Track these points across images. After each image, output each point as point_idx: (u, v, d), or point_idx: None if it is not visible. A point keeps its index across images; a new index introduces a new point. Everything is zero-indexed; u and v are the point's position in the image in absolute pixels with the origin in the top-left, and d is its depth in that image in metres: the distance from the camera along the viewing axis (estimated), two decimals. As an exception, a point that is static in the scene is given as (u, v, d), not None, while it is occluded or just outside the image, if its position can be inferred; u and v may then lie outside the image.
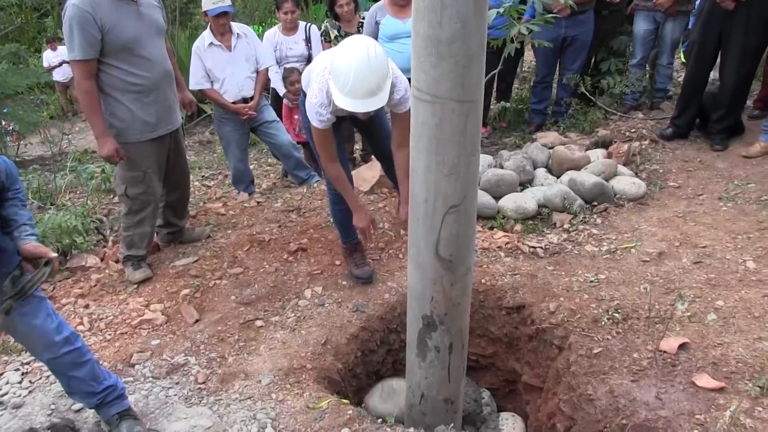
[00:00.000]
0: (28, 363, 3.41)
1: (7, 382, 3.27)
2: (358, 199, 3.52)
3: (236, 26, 5.14)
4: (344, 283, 3.75)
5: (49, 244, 4.44)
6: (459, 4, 1.93)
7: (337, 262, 3.95)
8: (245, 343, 3.34)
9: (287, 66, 5.70)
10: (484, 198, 4.35)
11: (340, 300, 3.61)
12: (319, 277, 3.83)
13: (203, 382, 3.09)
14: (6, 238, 2.50)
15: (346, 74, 2.86)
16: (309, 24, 5.94)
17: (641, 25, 6.03)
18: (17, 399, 3.16)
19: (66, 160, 7.05)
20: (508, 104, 6.51)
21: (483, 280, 3.67)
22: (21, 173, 7.18)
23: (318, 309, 3.55)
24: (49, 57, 11.72)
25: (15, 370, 3.35)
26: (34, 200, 6.30)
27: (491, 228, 4.26)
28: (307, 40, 5.84)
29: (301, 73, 5.46)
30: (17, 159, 8.73)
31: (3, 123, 8.65)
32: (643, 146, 5.27)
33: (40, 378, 3.27)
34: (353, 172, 5.17)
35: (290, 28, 5.84)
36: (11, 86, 7.78)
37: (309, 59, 5.76)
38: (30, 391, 3.18)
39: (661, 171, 4.90)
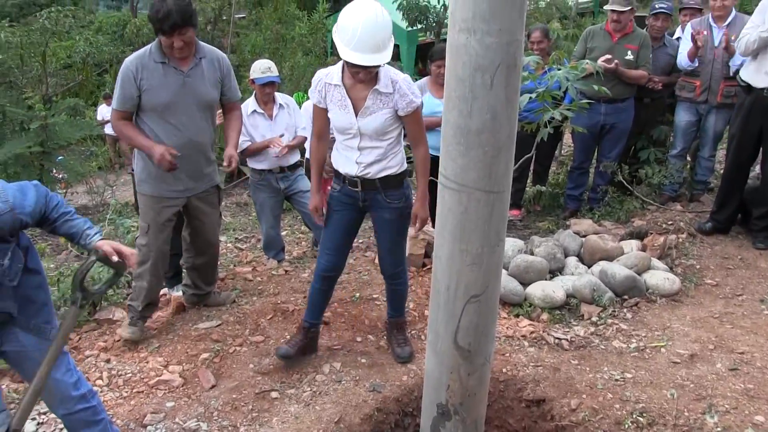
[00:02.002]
0: (45, 413, 3.41)
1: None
2: (318, 187, 3.58)
3: (279, 96, 5.27)
4: (363, 360, 3.69)
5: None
6: (490, 96, 1.95)
7: (359, 339, 3.91)
8: (258, 414, 3.29)
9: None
10: (511, 284, 4.30)
11: (357, 378, 3.54)
12: (339, 352, 3.78)
13: (212, 453, 3.05)
14: (40, 291, 2.59)
15: (353, 29, 2.97)
16: None
17: (683, 116, 5.99)
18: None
19: (107, 211, 7.21)
20: (543, 188, 6.50)
21: (504, 369, 3.58)
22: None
23: (335, 385, 3.49)
24: (103, 111, 12.18)
25: (32, 419, 3.34)
26: (72, 248, 6.43)
27: (517, 315, 4.18)
28: None
29: None
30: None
31: (54, 171, 8.97)
32: (680, 240, 5.17)
33: (55, 430, 3.26)
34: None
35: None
36: (66, 137, 8.11)
37: None
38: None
39: (698, 267, 4.79)
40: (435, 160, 4.78)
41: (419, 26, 12.05)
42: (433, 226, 5.16)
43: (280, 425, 3.20)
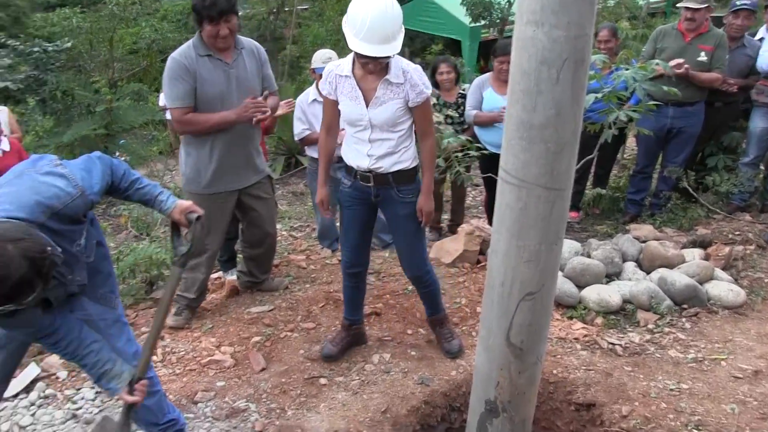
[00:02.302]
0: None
1: (83, 398, 3.43)
2: (324, 179, 3.53)
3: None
4: (413, 353, 3.69)
5: (139, 273, 4.63)
6: (555, 90, 1.91)
7: (409, 332, 3.91)
8: (306, 399, 3.33)
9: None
10: (566, 286, 4.22)
11: (406, 370, 3.54)
12: (389, 343, 3.79)
13: (260, 431, 3.09)
14: (105, 262, 2.66)
15: (362, 19, 2.91)
16: None
17: (758, 123, 5.70)
18: (89, 415, 3.31)
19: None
20: (603, 191, 6.35)
21: (555, 371, 3.52)
22: (124, 203, 7.60)
23: (383, 376, 3.50)
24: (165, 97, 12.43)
25: (91, 387, 3.50)
26: (132, 229, 6.61)
27: (570, 318, 4.11)
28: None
29: None
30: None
31: (117, 153, 9.23)
32: (748, 251, 4.98)
33: (112, 400, 3.38)
34: (437, 243, 5.16)
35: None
36: (129, 121, 8.33)
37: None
38: (100, 410, 3.33)
39: (766, 280, 4.62)
40: (493, 157, 4.78)
41: (482, 22, 11.93)
42: (489, 222, 5.13)
43: (327, 411, 3.22)
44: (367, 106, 3.19)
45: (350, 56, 3.19)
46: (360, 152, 3.30)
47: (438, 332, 3.75)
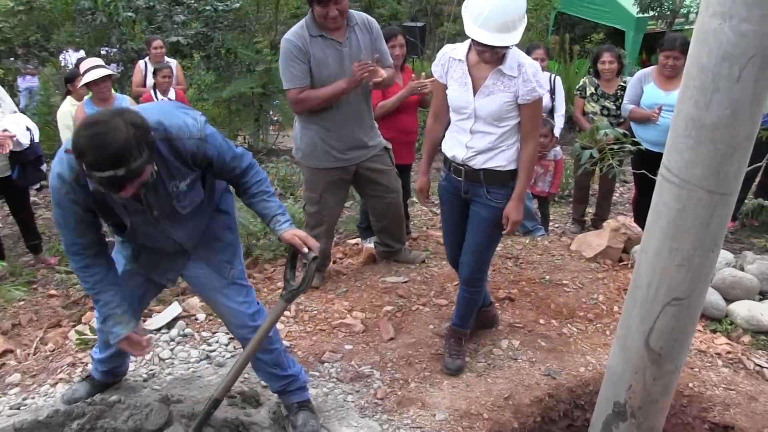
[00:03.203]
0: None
1: (217, 341, 3.65)
2: (427, 168, 3.45)
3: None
4: (543, 343, 3.64)
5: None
6: (734, 89, 1.80)
7: (541, 321, 3.85)
8: (430, 374, 3.37)
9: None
10: (713, 297, 3.98)
11: (534, 359, 3.50)
12: (520, 331, 3.76)
13: (381, 399, 3.17)
14: (227, 232, 2.84)
15: (482, 5, 2.77)
16: (554, 75, 5.82)
17: None
18: (221, 359, 3.50)
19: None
20: (766, 203, 5.91)
21: (691, 384, 3.35)
22: (273, 161, 7.94)
23: (509, 362, 3.48)
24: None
25: (225, 333, 3.70)
26: (278, 187, 6.91)
27: (713, 331, 3.88)
28: (552, 92, 5.68)
29: (552, 128, 5.41)
30: (273, 147, 9.67)
31: (270, 112, 9.64)
32: None
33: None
34: (580, 236, 5.03)
35: None
36: (285, 83, 8.66)
37: (551, 111, 5.66)
38: (232, 356, 3.50)
39: None
40: (649, 155, 4.57)
41: (651, 13, 11.33)
42: (636, 221, 4.93)
43: (449, 389, 3.26)
44: (474, 94, 3.05)
45: (467, 42, 3.05)
46: (459, 142, 3.17)
47: (449, 345, 3.50)
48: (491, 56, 2.93)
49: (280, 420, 2.99)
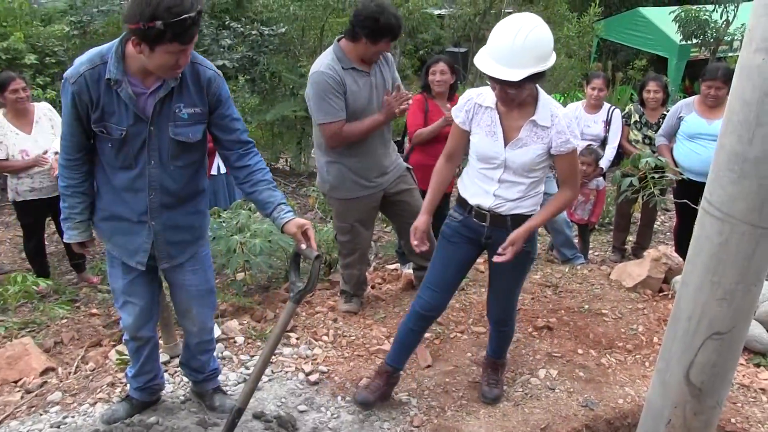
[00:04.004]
0: (275, 354, 3.77)
1: (246, 368, 3.66)
2: (431, 208, 3.15)
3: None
4: (581, 374, 3.61)
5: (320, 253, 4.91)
6: (779, 124, 1.80)
7: (580, 351, 3.82)
8: (467, 402, 3.36)
9: (588, 146, 5.59)
10: (756, 330, 3.90)
11: (572, 390, 3.47)
12: (558, 360, 3.73)
13: (417, 426, 3.18)
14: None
15: (496, 36, 2.67)
16: (613, 107, 5.82)
17: None
18: (260, 383, 3.51)
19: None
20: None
21: (733, 420, 3.28)
22: (314, 185, 8.02)
23: (547, 392, 3.46)
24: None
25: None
26: (318, 211, 6.97)
27: (757, 365, 3.80)
28: (607, 123, 5.72)
29: (598, 158, 5.39)
30: (314, 170, 9.76)
31: (312, 136, 9.76)
32: None
33: (282, 370, 3.61)
34: (620, 265, 4.98)
35: (594, 106, 5.76)
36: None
37: (604, 142, 5.66)
38: (270, 380, 3.52)
39: None
40: (692, 184, 4.53)
41: (694, 41, 11.24)
42: (677, 251, 4.86)
43: (486, 418, 3.24)
44: (505, 146, 2.90)
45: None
46: (485, 190, 3.00)
47: (487, 374, 3.46)
48: (503, 95, 2.77)
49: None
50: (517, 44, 2.60)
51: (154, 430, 2.97)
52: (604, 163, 5.54)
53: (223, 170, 6.44)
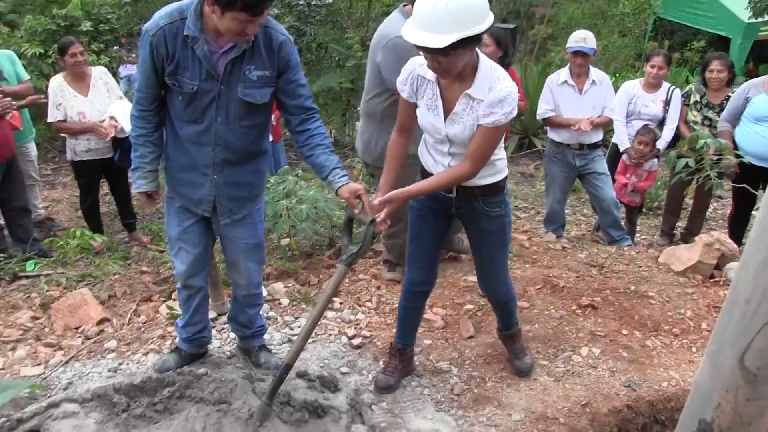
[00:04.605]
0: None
1: (299, 326, 3.75)
2: (387, 188, 2.80)
3: (595, 72, 5.15)
4: (624, 354, 3.57)
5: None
6: None
7: (624, 332, 3.78)
8: (507, 375, 3.37)
9: (645, 125, 5.49)
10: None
11: (614, 369, 3.44)
12: (601, 339, 3.69)
13: (458, 395, 3.20)
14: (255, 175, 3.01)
15: (419, 4, 2.47)
16: (672, 87, 5.65)
17: None
18: (303, 343, 3.58)
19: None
20: None
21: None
22: (358, 157, 8.06)
23: (589, 370, 3.43)
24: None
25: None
26: (363, 182, 6.97)
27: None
28: (666, 103, 5.56)
29: (655, 138, 5.28)
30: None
31: (358, 108, 9.76)
32: None
33: (325, 333, 3.68)
34: (669, 248, 4.90)
35: (653, 85, 5.59)
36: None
37: (662, 122, 5.52)
38: (313, 341, 3.59)
39: None
40: (754, 169, 4.41)
41: (766, 18, 10.70)
42: (731, 236, 4.76)
43: (527, 391, 3.24)
44: (445, 120, 2.74)
45: None
46: (439, 162, 2.88)
47: (510, 349, 3.42)
48: (433, 64, 2.57)
49: (357, 406, 3.06)
50: (439, 7, 2.39)
51: (203, 380, 3.05)
52: (661, 144, 5.42)
53: (270, 138, 6.51)
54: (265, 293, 4.00)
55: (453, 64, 2.54)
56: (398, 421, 2.98)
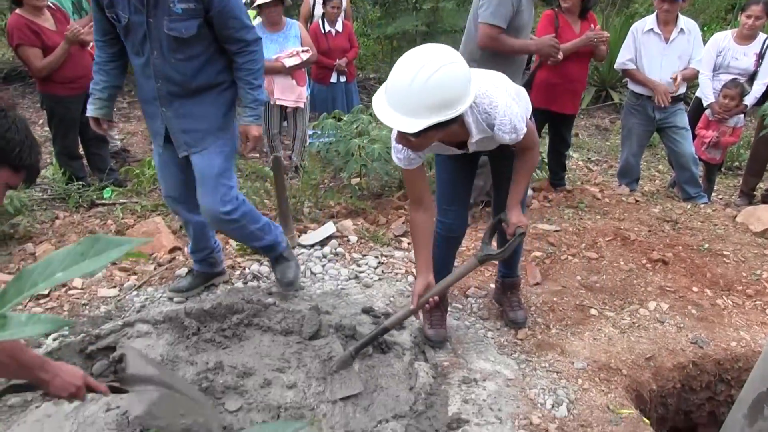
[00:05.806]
0: (386, 256, 3.90)
1: (367, 264, 3.83)
2: (428, 266, 2.79)
3: (683, 20, 4.93)
4: (693, 311, 3.51)
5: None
6: None
7: (695, 289, 3.70)
8: (572, 323, 3.37)
9: (733, 79, 5.21)
10: None
11: (682, 325, 3.39)
12: (670, 295, 3.64)
13: (521, 339, 3.22)
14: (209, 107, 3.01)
15: (391, 78, 2.30)
16: None
17: None
18: (369, 280, 3.67)
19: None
20: None
21: None
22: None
23: (655, 324, 3.40)
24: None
25: (375, 257, 3.89)
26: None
27: None
28: (760, 56, 5.21)
29: (743, 93, 5.05)
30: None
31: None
32: None
33: (392, 271, 3.74)
34: (748, 208, 4.74)
35: (747, 36, 5.26)
36: (450, 23, 8.60)
37: (753, 77, 5.23)
38: (380, 279, 3.68)
39: None
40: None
41: None
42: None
43: (590, 340, 3.24)
44: (464, 148, 2.70)
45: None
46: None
47: (506, 299, 3.36)
48: (400, 140, 2.45)
49: (420, 344, 3.13)
50: (416, 87, 2.20)
51: (271, 309, 3.17)
52: (749, 99, 5.15)
53: (343, 79, 6.56)
54: (333, 230, 4.09)
55: (424, 144, 2.45)
56: (460, 362, 3.02)
